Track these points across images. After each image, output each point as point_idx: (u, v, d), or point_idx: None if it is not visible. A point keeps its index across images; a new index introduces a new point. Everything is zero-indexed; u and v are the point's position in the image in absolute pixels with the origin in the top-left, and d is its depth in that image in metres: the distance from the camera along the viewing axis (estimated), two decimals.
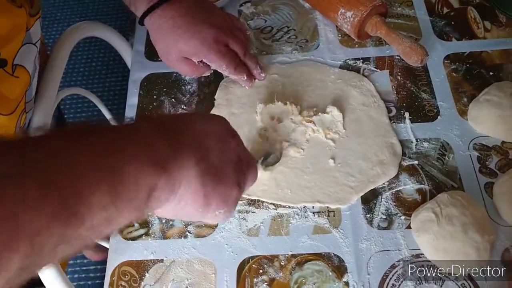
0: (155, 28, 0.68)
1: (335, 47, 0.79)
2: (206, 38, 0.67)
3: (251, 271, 0.59)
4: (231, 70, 0.69)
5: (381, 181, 0.64)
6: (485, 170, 0.64)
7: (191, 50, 0.67)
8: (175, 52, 0.68)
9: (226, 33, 0.69)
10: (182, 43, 0.67)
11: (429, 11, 0.81)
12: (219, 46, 0.67)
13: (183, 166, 0.40)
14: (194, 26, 0.67)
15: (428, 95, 0.72)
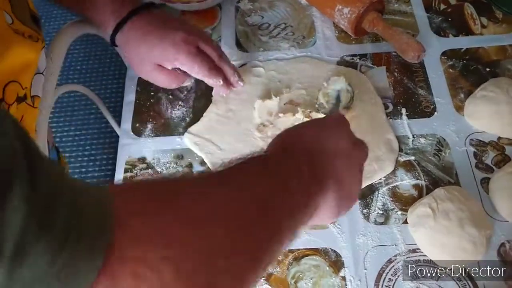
0: (125, 42, 0.68)
1: (332, 43, 0.79)
2: (175, 40, 0.66)
3: None
4: (205, 71, 0.67)
5: (377, 176, 0.64)
6: (482, 166, 0.64)
7: (161, 54, 0.66)
8: (148, 60, 0.67)
9: (197, 35, 0.68)
10: (154, 48, 0.66)
11: (426, 8, 0.82)
12: (189, 47, 0.66)
13: (325, 189, 0.46)
14: (164, 30, 0.66)
15: (425, 91, 0.72)
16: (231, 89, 0.71)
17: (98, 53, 1.93)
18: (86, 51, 1.93)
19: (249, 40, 0.80)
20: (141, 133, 0.72)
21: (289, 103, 0.71)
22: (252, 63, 0.77)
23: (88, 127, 1.75)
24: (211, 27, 0.83)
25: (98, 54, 1.92)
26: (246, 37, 0.81)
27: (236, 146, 0.68)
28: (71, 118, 1.76)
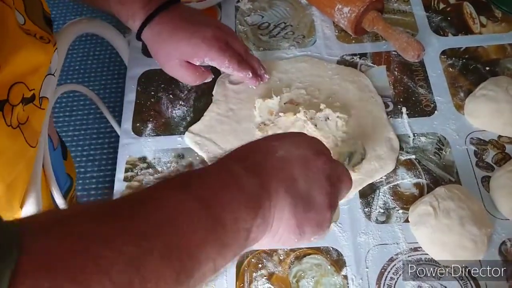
0: (153, 36, 0.68)
1: (332, 42, 0.79)
2: (206, 36, 0.67)
3: (250, 266, 0.59)
4: (234, 66, 0.68)
5: (378, 175, 0.64)
6: (482, 164, 0.65)
7: (192, 50, 0.67)
8: (176, 55, 0.68)
9: (225, 32, 0.69)
10: (182, 44, 0.67)
11: (425, 7, 0.82)
12: (219, 43, 0.67)
13: (273, 201, 0.41)
14: (193, 26, 0.67)
15: (425, 90, 0.72)
16: (259, 82, 0.73)
17: (97, 53, 1.93)
18: (85, 51, 1.93)
19: (249, 40, 0.81)
20: (142, 132, 0.72)
21: (289, 102, 0.71)
22: None
23: (87, 127, 1.75)
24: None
25: (97, 53, 1.92)
26: (246, 37, 0.81)
27: (237, 145, 0.68)
28: (71, 118, 1.76)
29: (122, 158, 0.70)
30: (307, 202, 0.43)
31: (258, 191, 0.40)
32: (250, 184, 0.40)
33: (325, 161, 0.45)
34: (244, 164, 0.42)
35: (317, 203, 0.43)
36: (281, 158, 0.44)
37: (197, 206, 0.36)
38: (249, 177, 0.40)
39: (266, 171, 0.42)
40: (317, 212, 0.44)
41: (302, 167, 0.43)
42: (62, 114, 1.77)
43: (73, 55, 1.91)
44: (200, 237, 0.35)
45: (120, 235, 0.31)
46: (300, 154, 0.44)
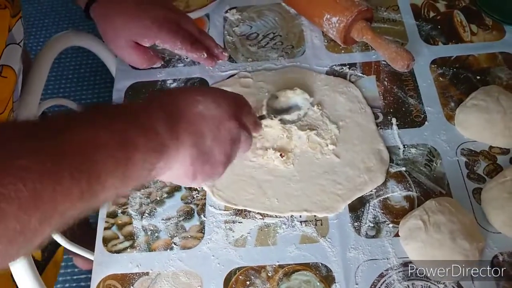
0: (102, 14, 0.65)
1: (321, 53, 0.78)
2: (157, 17, 0.64)
3: (238, 283, 0.58)
4: (187, 46, 0.67)
5: (368, 188, 0.63)
6: (473, 176, 0.64)
7: (141, 30, 0.65)
8: (124, 35, 0.65)
9: (177, 13, 0.67)
10: (131, 24, 0.64)
11: (415, 15, 0.81)
12: (170, 24, 0.65)
13: (179, 149, 0.47)
14: (144, 7, 0.65)
15: (415, 100, 0.71)
16: (216, 62, 0.72)
17: (89, 62, 1.92)
18: (78, 60, 1.92)
19: (238, 51, 0.80)
20: None
21: None
22: (241, 74, 0.76)
23: None
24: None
25: (90, 63, 1.91)
26: (235, 48, 0.80)
27: None
28: None
29: None
30: (207, 157, 0.50)
31: (168, 139, 0.45)
32: (164, 131, 0.45)
33: (235, 126, 0.51)
34: (165, 110, 0.46)
35: (215, 160, 0.51)
36: (198, 113, 0.49)
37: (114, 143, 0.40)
38: (164, 124, 0.45)
39: (181, 123, 0.47)
40: (213, 167, 0.51)
41: (213, 127, 0.50)
42: None
43: (66, 64, 1.90)
44: (111, 168, 0.39)
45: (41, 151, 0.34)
46: (216, 114, 0.50)
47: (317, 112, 0.70)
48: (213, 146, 0.50)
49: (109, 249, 0.62)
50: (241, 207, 0.63)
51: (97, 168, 0.38)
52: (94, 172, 0.37)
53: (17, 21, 0.59)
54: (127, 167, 0.41)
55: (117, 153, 0.40)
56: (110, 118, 0.42)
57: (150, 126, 0.44)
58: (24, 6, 0.62)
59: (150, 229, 0.63)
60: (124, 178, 0.41)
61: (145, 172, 0.44)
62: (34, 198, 0.32)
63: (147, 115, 0.45)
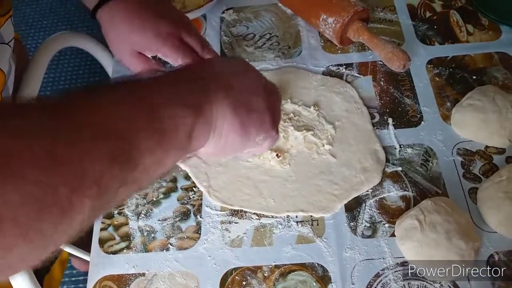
0: (107, 19, 0.65)
1: (317, 53, 0.78)
2: (159, 31, 0.64)
3: (234, 283, 0.58)
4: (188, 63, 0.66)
5: (364, 188, 0.63)
6: (469, 175, 0.64)
7: (144, 43, 0.65)
8: (127, 44, 0.66)
9: (180, 26, 0.66)
10: (135, 35, 0.64)
11: (411, 16, 0.81)
12: (172, 40, 0.65)
13: (214, 102, 0.44)
14: (148, 18, 0.65)
15: (412, 100, 0.71)
16: None
17: (88, 64, 1.92)
18: (76, 62, 1.92)
19: (234, 51, 0.80)
20: None
21: None
22: None
23: None
24: None
25: (88, 64, 1.92)
26: (231, 48, 0.80)
27: (221, 160, 0.67)
28: None
29: None
30: (247, 104, 0.47)
31: (196, 94, 0.43)
32: (188, 88, 0.43)
33: (258, 75, 0.52)
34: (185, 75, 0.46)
35: (257, 105, 0.48)
36: (218, 70, 0.49)
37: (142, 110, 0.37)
38: (188, 83, 0.43)
39: (206, 79, 0.45)
40: (258, 112, 0.48)
41: (238, 77, 0.49)
42: None
43: (64, 64, 1.91)
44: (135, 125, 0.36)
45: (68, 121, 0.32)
46: (236, 68, 0.50)
47: (313, 113, 0.70)
48: (247, 93, 0.48)
49: (105, 250, 0.62)
50: (237, 207, 0.63)
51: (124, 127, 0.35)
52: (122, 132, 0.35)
53: (6, 20, 0.59)
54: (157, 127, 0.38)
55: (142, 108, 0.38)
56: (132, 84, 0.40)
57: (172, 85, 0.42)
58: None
59: (147, 230, 0.63)
60: (158, 140, 0.38)
61: (181, 135, 0.41)
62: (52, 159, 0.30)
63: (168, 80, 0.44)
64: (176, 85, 0.43)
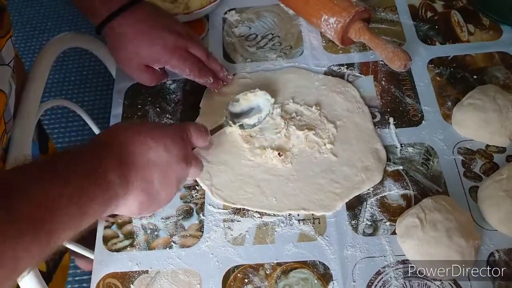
0: (114, 35, 0.67)
1: (319, 53, 0.79)
2: (167, 44, 0.67)
3: (236, 281, 0.59)
4: (195, 73, 0.70)
5: (366, 187, 0.64)
6: (470, 174, 0.64)
7: (153, 56, 0.67)
8: (136, 59, 0.68)
9: (186, 38, 0.69)
10: (144, 49, 0.67)
11: (412, 16, 0.82)
12: (180, 51, 0.68)
13: (129, 195, 0.52)
14: (155, 32, 0.67)
15: (413, 100, 0.72)
16: (222, 85, 0.74)
17: (92, 64, 1.93)
18: (80, 62, 1.93)
19: (237, 51, 0.80)
20: None
21: None
22: (240, 75, 0.77)
23: (83, 138, 1.75)
24: None
25: (92, 65, 1.93)
26: (234, 48, 0.81)
27: (223, 158, 0.68)
28: (66, 129, 1.76)
29: None
30: (153, 199, 0.55)
31: (120, 188, 0.50)
32: (117, 181, 0.49)
33: (183, 167, 0.56)
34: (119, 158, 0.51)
35: (161, 199, 0.56)
36: (149, 161, 0.53)
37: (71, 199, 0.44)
38: (118, 174, 0.50)
39: (132, 170, 0.52)
40: (157, 206, 0.57)
41: (162, 173, 0.54)
42: (58, 125, 1.76)
43: (68, 66, 1.92)
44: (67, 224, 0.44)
45: None
46: (166, 160, 0.54)
47: (315, 112, 0.71)
48: (161, 189, 0.55)
49: (109, 247, 0.63)
50: (239, 206, 0.64)
51: (54, 226, 0.42)
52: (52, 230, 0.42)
53: (6, 41, 0.60)
54: (82, 219, 0.46)
55: (73, 209, 0.44)
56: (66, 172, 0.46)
57: (104, 178, 0.48)
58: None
59: (150, 228, 0.64)
60: (78, 227, 0.46)
61: (95, 218, 0.48)
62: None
63: (102, 165, 0.49)
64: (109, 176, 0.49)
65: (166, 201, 0.57)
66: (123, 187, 0.50)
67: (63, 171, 0.46)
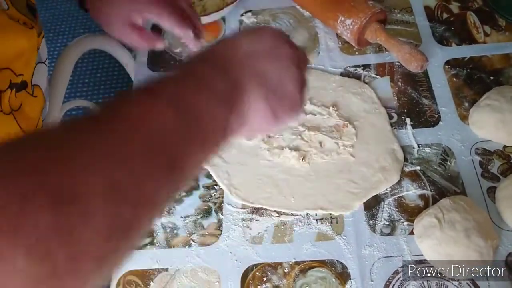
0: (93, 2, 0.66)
1: (335, 54, 0.79)
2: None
3: (255, 279, 0.59)
4: (175, 20, 0.65)
5: (383, 187, 0.64)
6: (487, 175, 0.64)
7: (131, 5, 0.65)
8: (118, 16, 0.66)
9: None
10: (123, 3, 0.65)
11: (428, 17, 0.82)
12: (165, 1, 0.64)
13: (247, 95, 0.42)
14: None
15: (429, 101, 0.72)
16: (201, 44, 0.69)
17: (105, 66, 1.95)
18: (94, 64, 1.95)
19: None
20: None
21: None
22: None
23: None
24: (216, 40, 0.84)
25: (106, 67, 1.95)
26: None
27: (241, 159, 0.69)
28: None
29: None
30: (280, 91, 0.44)
31: (231, 89, 0.40)
32: (221, 83, 0.40)
33: (290, 47, 0.46)
34: (211, 64, 0.41)
35: (289, 90, 0.45)
36: (247, 53, 0.44)
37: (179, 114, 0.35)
38: (219, 76, 0.40)
39: (235, 68, 0.42)
40: (291, 99, 0.45)
41: (270, 58, 0.44)
42: None
43: (83, 68, 1.94)
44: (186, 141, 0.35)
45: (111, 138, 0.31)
46: (265, 46, 0.45)
47: (332, 113, 0.71)
48: (280, 77, 0.44)
49: None
50: (258, 205, 0.65)
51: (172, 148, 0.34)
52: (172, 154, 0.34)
53: (41, 40, 0.61)
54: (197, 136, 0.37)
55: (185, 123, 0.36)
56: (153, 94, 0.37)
57: (202, 85, 0.39)
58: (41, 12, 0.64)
59: (169, 227, 0.65)
60: (203, 144, 0.37)
61: (219, 132, 0.39)
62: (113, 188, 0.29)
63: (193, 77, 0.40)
64: (211, 78, 0.40)
65: (298, 91, 0.46)
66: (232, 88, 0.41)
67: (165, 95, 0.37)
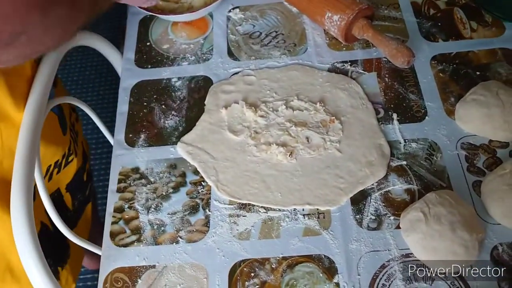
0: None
1: (323, 50, 0.79)
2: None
3: (242, 275, 0.59)
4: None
5: (370, 182, 0.65)
6: (473, 169, 0.65)
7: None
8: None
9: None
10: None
11: (415, 13, 0.82)
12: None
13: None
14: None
15: (416, 96, 0.72)
16: None
17: (94, 64, 1.94)
18: (83, 62, 1.94)
19: (241, 49, 0.81)
20: (135, 143, 0.72)
21: None
22: (244, 72, 0.78)
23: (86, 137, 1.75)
24: (203, 36, 0.83)
25: (95, 64, 1.93)
26: (238, 46, 0.82)
27: (229, 155, 0.69)
28: None
29: (115, 169, 0.71)
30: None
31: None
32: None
33: None
34: None
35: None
36: None
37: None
38: None
39: None
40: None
41: None
42: None
43: (71, 65, 1.92)
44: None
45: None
46: None
47: (319, 109, 0.71)
48: None
49: (116, 243, 0.64)
50: (245, 201, 0.65)
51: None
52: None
53: None
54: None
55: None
56: None
57: None
58: None
59: (156, 223, 0.65)
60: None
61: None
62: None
63: None
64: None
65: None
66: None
67: None
